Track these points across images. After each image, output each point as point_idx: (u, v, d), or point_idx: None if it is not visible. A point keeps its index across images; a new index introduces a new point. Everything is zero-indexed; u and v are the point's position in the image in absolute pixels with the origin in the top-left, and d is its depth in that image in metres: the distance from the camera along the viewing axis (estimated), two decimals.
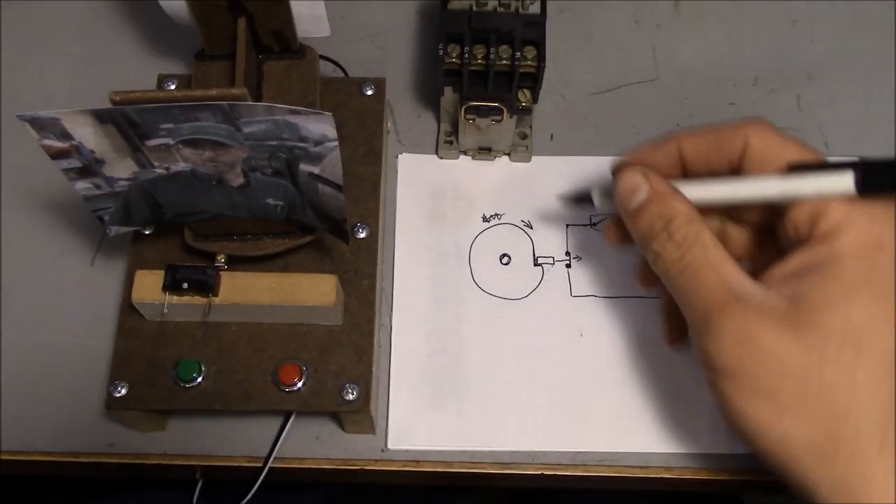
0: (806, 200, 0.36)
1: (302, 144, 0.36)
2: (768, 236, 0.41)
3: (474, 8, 0.44)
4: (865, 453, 0.33)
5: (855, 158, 0.36)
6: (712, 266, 0.37)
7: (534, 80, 0.45)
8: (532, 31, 0.44)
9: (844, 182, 0.35)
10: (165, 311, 0.42)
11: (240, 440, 0.46)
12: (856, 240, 0.35)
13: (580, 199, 0.44)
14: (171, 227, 0.45)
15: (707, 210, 0.39)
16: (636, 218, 0.39)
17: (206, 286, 0.41)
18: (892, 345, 0.34)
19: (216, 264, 0.43)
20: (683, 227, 0.37)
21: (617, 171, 0.41)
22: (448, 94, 0.48)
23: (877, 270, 0.35)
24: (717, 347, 0.35)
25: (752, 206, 0.39)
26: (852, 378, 0.34)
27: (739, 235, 0.42)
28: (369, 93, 0.49)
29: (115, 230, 0.42)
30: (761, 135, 0.38)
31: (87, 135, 0.35)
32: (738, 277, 0.36)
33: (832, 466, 0.34)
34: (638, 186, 0.39)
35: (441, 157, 0.52)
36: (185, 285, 0.41)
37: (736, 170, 0.39)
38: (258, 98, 0.45)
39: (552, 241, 0.50)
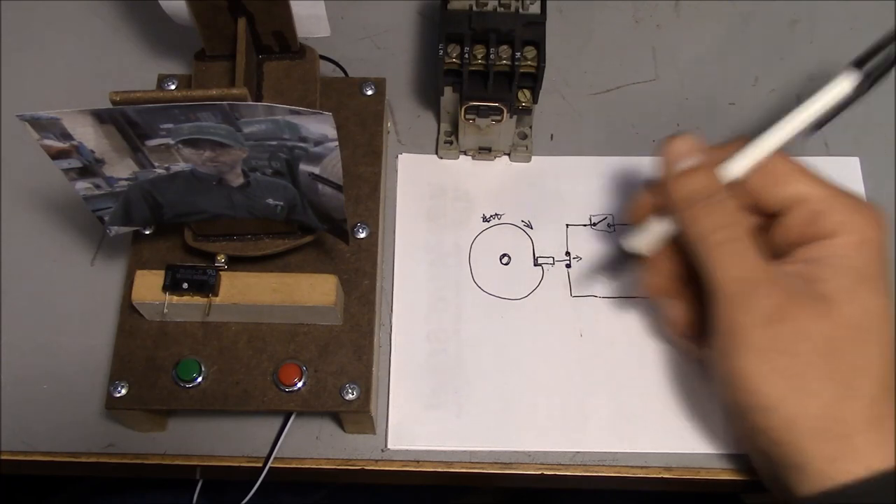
0: (828, 104, 0.39)
1: (302, 144, 0.36)
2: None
3: (474, 8, 0.44)
4: (857, 430, 0.37)
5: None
6: (748, 247, 0.39)
7: (534, 80, 0.45)
8: (532, 31, 0.44)
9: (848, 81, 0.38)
10: (165, 311, 0.42)
11: (240, 440, 0.46)
12: (857, 240, 0.39)
13: (621, 259, 0.47)
14: (171, 227, 0.45)
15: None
16: (679, 180, 0.40)
17: (206, 286, 0.41)
18: (891, 335, 0.38)
19: (216, 264, 0.43)
20: (727, 203, 0.39)
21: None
22: (448, 94, 0.48)
23: (876, 268, 0.39)
24: (749, 322, 0.38)
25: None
26: (857, 363, 0.37)
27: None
28: (369, 93, 0.49)
29: (115, 230, 0.42)
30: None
31: (87, 135, 0.35)
32: (767, 262, 0.39)
33: (826, 443, 0.37)
34: (689, 152, 0.41)
35: (441, 157, 0.52)
36: (185, 285, 0.41)
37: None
38: (258, 98, 0.45)
39: (552, 241, 0.50)
